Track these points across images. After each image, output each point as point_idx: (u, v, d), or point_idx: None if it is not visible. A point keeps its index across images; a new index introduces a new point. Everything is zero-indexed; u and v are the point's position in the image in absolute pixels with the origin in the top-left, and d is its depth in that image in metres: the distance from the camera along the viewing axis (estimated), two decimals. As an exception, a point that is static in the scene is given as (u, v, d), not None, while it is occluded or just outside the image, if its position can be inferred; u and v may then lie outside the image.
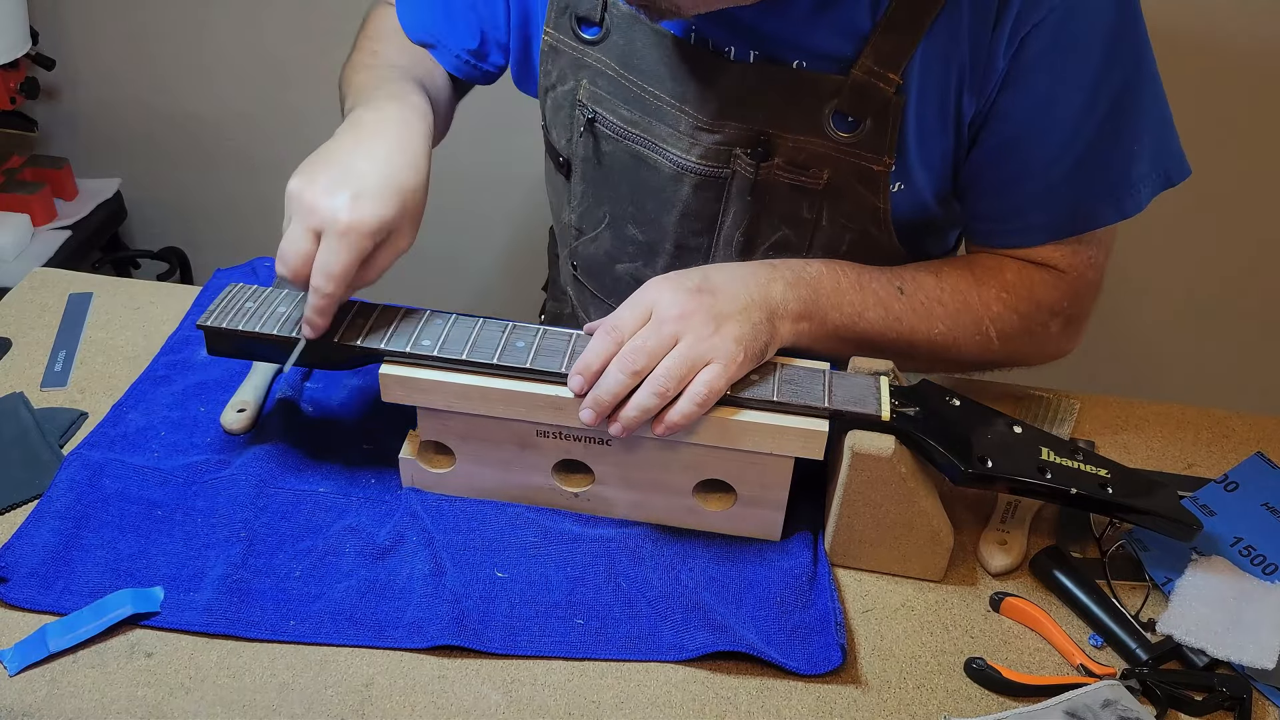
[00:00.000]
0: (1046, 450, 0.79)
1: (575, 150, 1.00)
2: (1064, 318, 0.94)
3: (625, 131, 0.95)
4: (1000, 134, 0.87)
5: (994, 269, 0.92)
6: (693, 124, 0.91)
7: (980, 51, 0.83)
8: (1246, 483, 0.91)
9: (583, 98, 0.96)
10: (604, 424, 0.78)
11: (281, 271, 0.80)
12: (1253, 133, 1.64)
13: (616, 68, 0.93)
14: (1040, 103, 0.85)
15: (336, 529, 0.84)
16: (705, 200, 0.95)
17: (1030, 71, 0.83)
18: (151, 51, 1.92)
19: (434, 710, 0.73)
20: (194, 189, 2.08)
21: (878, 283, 0.88)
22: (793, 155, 0.90)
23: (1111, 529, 0.88)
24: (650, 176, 0.96)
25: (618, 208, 1.01)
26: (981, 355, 0.92)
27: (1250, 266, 1.80)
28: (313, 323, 0.80)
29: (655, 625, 0.78)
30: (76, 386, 0.98)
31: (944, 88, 0.85)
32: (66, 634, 0.75)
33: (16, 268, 1.73)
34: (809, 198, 0.92)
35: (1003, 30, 0.82)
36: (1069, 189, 0.88)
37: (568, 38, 0.95)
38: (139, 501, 0.85)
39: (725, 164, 0.92)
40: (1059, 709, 0.73)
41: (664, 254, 1.01)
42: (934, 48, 0.83)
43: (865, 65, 0.84)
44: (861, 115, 0.86)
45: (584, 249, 1.07)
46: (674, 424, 0.77)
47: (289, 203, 0.80)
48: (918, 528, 0.81)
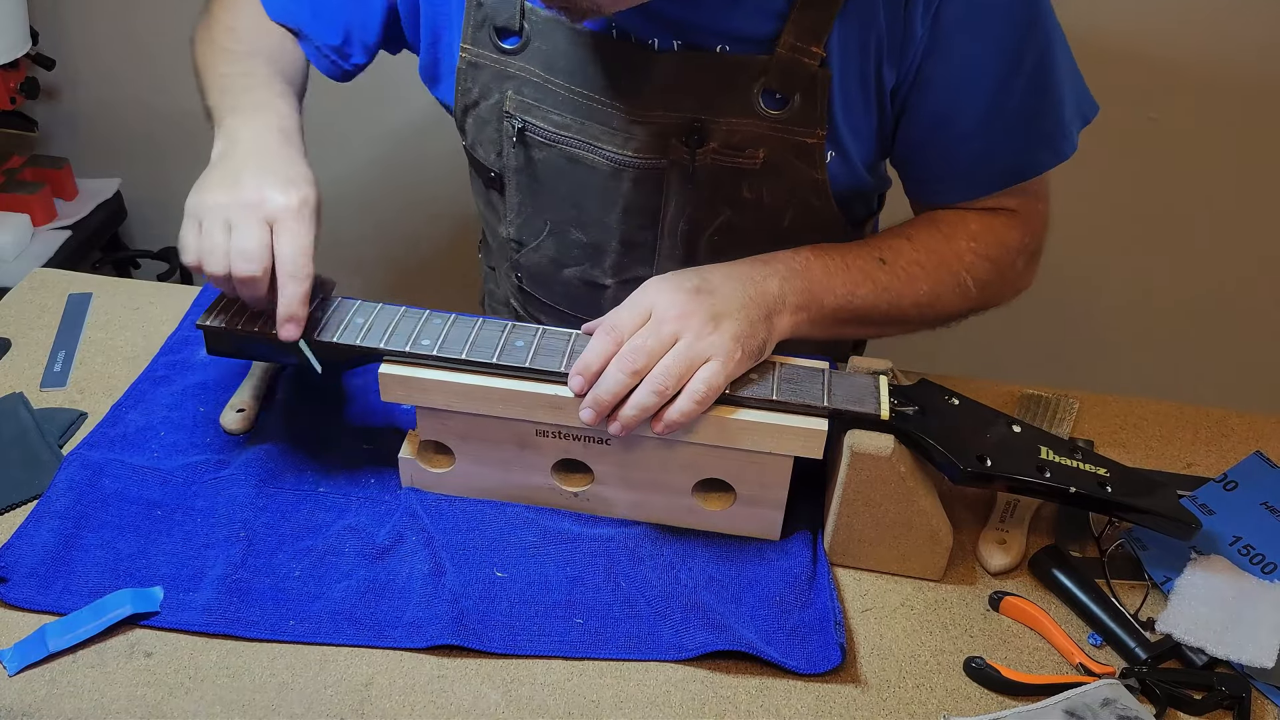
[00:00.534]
0: (1045, 449, 0.79)
1: (507, 163, 1.00)
2: (1027, 254, 0.97)
3: (558, 136, 0.95)
4: (931, 100, 0.89)
5: (957, 221, 0.94)
6: (625, 118, 0.92)
7: (896, 22, 0.85)
8: (1245, 482, 0.91)
9: (510, 108, 0.96)
10: (603, 423, 0.79)
11: (245, 270, 0.78)
12: (1252, 133, 1.64)
13: (542, 73, 0.93)
14: (965, 66, 0.87)
15: (336, 529, 0.84)
16: (646, 193, 0.95)
17: (950, 37, 0.85)
18: (151, 51, 1.92)
19: (434, 710, 0.73)
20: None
21: (861, 258, 0.89)
22: (727, 138, 0.91)
23: (1110, 528, 0.88)
24: (588, 177, 0.96)
25: (558, 213, 1.01)
26: (962, 305, 0.94)
27: (1250, 266, 1.80)
28: (296, 316, 0.79)
29: (655, 625, 0.79)
30: (76, 387, 0.98)
31: (864, 58, 0.87)
32: (66, 634, 0.75)
33: (16, 268, 1.73)
34: (748, 178, 0.93)
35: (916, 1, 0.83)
36: (1008, 142, 0.91)
37: (488, 50, 0.95)
38: (138, 501, 0.85)
39: (662, 154, 0.92)
40: (1058, 708, 0.73)
41: (610, 252, 1.01)
42: (851, 20, 0.85)
43: (787, 42, 0.85)
44: (790, 91, 0.88)
45: (526, 259, 1.07)
46: (673, 422, 0.77)
47: (210, 214, 0.79)
48: (917, 527, 0.81)
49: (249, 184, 0.80)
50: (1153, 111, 1.63)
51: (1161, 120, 1.64)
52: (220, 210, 0.79)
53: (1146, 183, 1.71)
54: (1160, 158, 1.69)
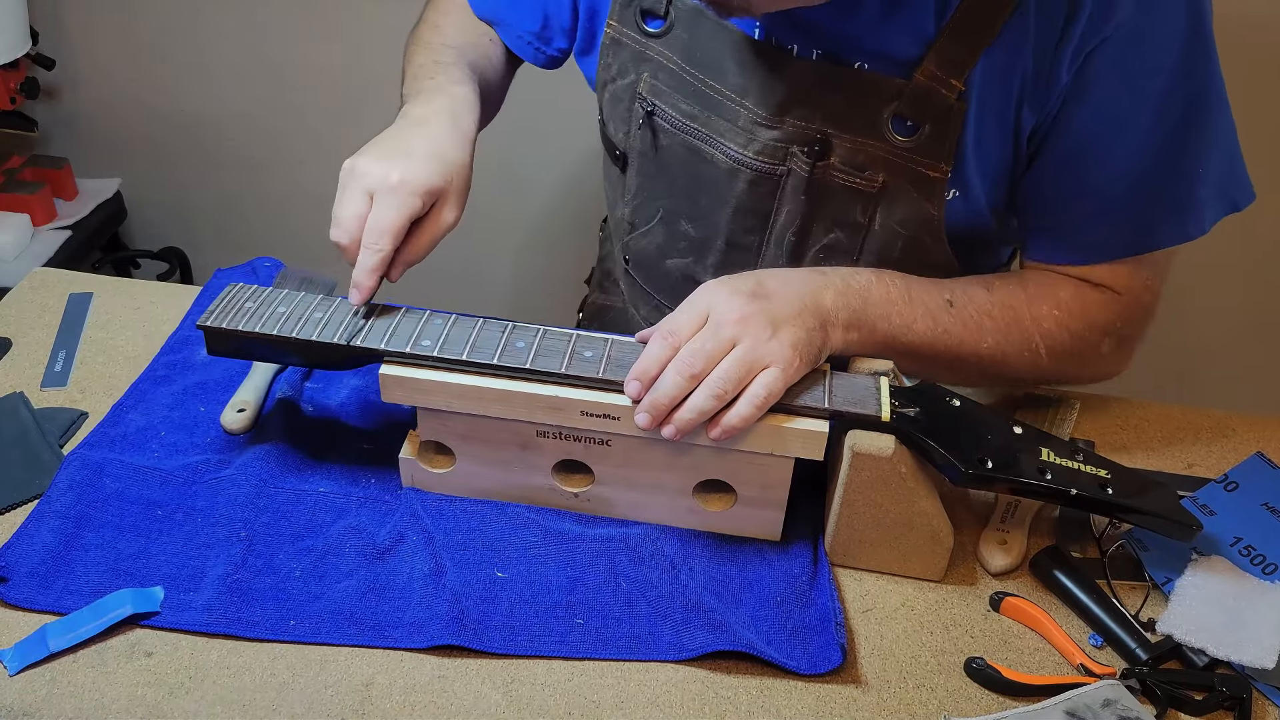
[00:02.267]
0: (1046, 450, 0.79)
1: (632, 143, 1.01)
2: (1116, 338, 0.92)
3: (683, 125, 0.95)
4: (1063, 147, 0.86)
5: (1048, 285, 0.91)
6: (752, 119, 0.92)
7: (1044, 63, 0.82)
8: (1246, 483, 0.91)
9: (643, 90, 0.97)
10: (656, 427, 0.78)
11: (336, 237, 0.82)
12: (1252, 132, 1.64)
13: (679, 61, 0.94)
14: (1105, 118, 0.84)
15: (336, 529, 0.84)
16: (759, 197, 0.95)
17: (1096, 85, 0.82)
18: (151, 51, 1.92)
19: (434, 710, 0.73)
20: (194, 189, 2.08)
21: (927, 294, 0.87)
22: (849, 156, 0.90)
23: (1111, 529, 0.88)
24: (706, 171, 0.96)
25: (672, 202, 1.01)
26: (1030, 372, 0.91)
27: (1250, 266, 1.80)
28: (360, 284, 0.82)
29: (655, 625, 0.78)
30: (76, 386, 0.98)
31: (1005, 97, 0.84)
32: (66, 634, 0.75)
33: (16, 268, 1.73)
34: (863, 200, 0.91)
35: (1069, 43, 0.81)
36: (1130, 207, 0.87)
37: (631, 30, 0.96)
38: (139, 501, 0.85)
39: (781, 161, 0.92)
40: (1059, 709, 0.73)
41: (714, 250, 1.01)
42: (998, 57, 0.83)
43: (928, 70, 0.84)
44: (921, 120, 0.86)
45: (636, 243, 1.07)
46: (731, 427, 0.77)
47: (342, 179, 0.84)
48: (918, 528, 0.81)
49: (374, 154, 0.84)
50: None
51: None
52: (343, 177, 0.84)
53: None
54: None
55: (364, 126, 1.94)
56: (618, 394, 0.79)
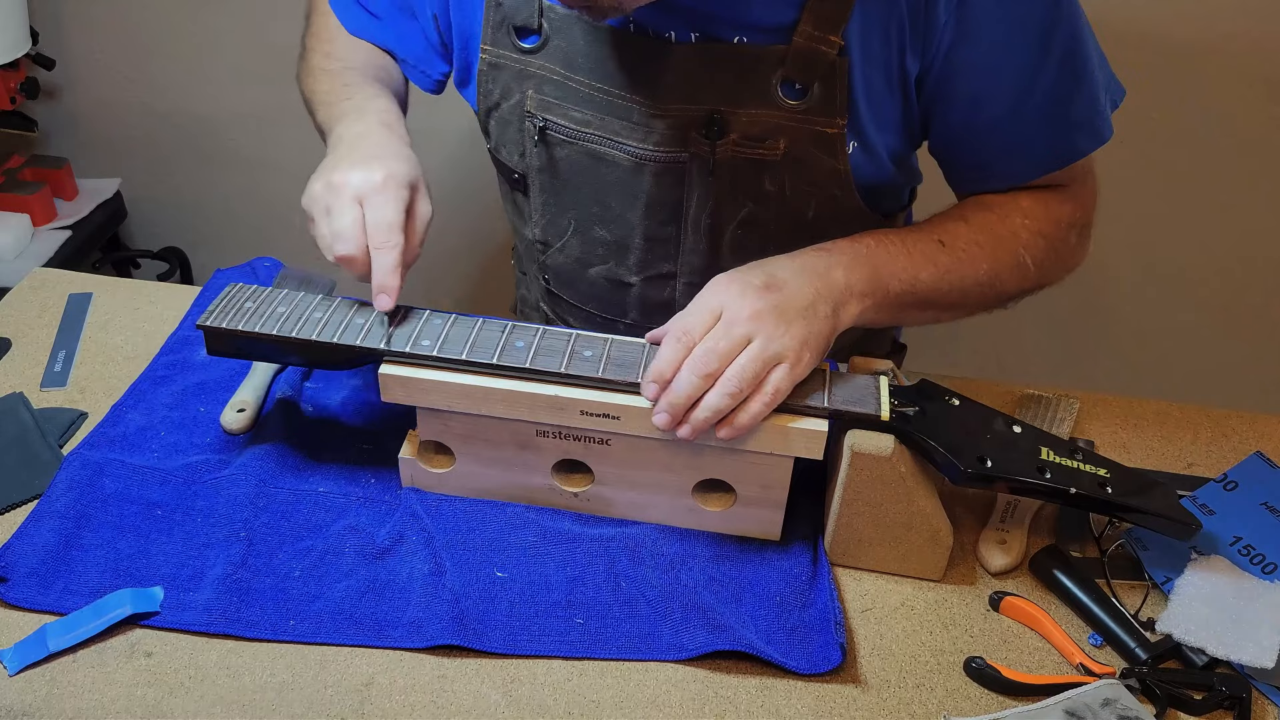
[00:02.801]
0: (1046, 450, 0.79)
1: (529, 163, 1.00)
2: (1078, 228, 0.96)
3: (579, 133, 0.95)
4: (962, 88, 0.89)
5: (1009, 201, 0.94)
6: (645, 112, 0.92)
7: (918, 10, 0.84)
8: (1246, 482, 0.91)
9: (531, 108, 0.96)
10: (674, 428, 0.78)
11: (342, 250, 0.81)
12: (1252, 132, 1.64)
13: (562, 71, 0.94)
14: (995, 52, 0.86)
15: (336, 529, 0.84)
16: (667, 187, 0.95)
17: (979, 24, 0.85)
18: (151, 51, 1.92)
19: (434, 710, 0.73)
20: (194, 189, 2.08)
21: (920, 241, 0.89)
22: (747, 129, 0.90)
23: (1111, 528, 0.88)
24: (610, 173, 0.96)
25: (581, 212, 1.01)
26: (1021, 284, 0.94)
27: (1250, 265, 1.80)
28: (387, 286, 0.81)
29: (655, 625, 0.79)
30: (76, 386, 0.98)
31: (886, 47, 0.86)
32: (66, 634, 0.75)
33: (16, 268, 1.73)
34: (769, 170, 0.92)
35: None
36: (1045, 128, 0.90)
37: (507, 50, 0.96)
38: (139, 501, 0.85)
39: (682, 148, 0.92)
40: (1059, 708, 0.73)
41: (634, 249, 1.01)
42: (870, 8, 0.84)
43: (805, 31, 0.85)
44: (809, 80, 0.87)
45: (553, 260, 1.07)
46: (743, 425, 0.77)
47: (318, 200, 0.83)
48: (917, 527, 0.81)
49: (339, 170, 0.83)
50: (1154, 111, 1.63)
51: (1161, 117, 1.64)
52: (319, 199, 0.83)
53: (1146, 183, 1.71)
54: (1160, 157, 1.69)
55: None
56: (617, 393, 0.79)
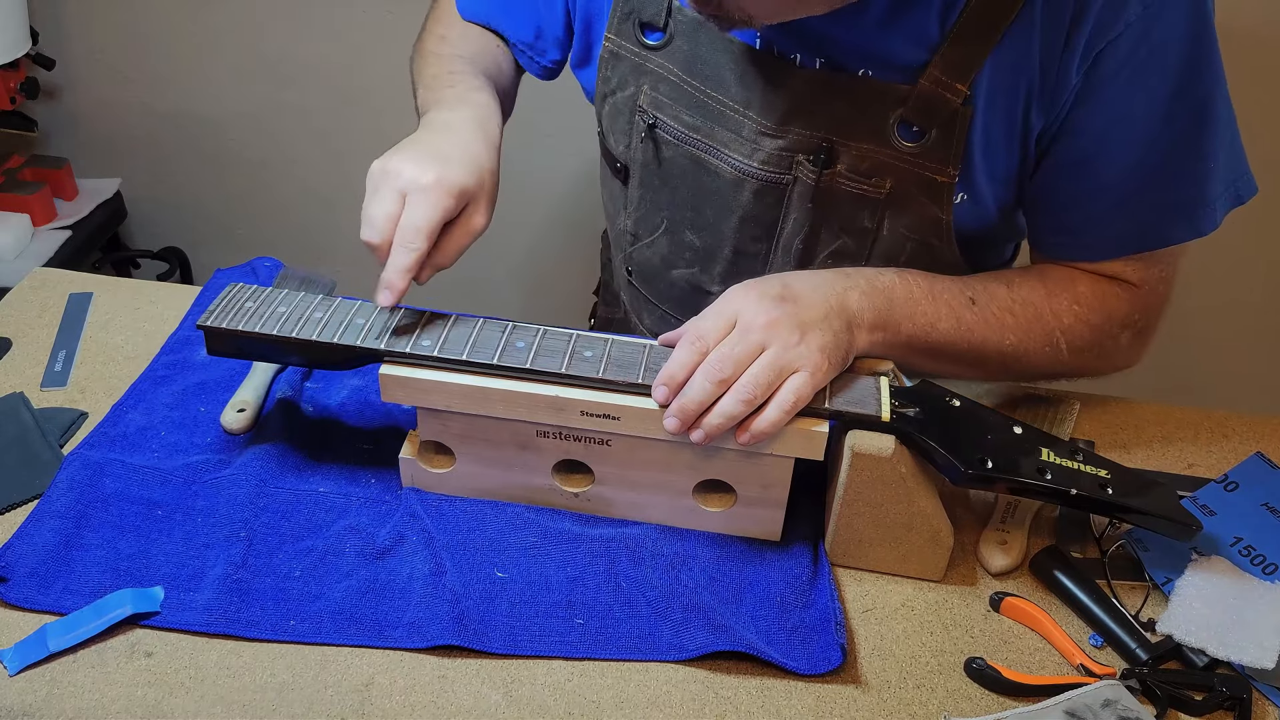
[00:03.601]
0: (1046, 450, 0.79)
1: (634, 156, 1.00)
2: (1134, 330, 0.93)
3: (686, 137, 0.95)
4: (1074, 148, 0.86)
5: (1066, 280, 0.91)
6: (756, 129, 0.91)
7: (1051, 66, 0.82)
8: (1246, 482, 0.91)
9: (643, 103, 0.96)
10: (684, 432, 0.78)
11: (368, 236, 0.80)
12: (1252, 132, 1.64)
13: (679, 73, 0.93)
14: (1115, 118, 0.84)
15: (336, 529, 0.84)
16: (765, 206, 0.95)
17: (1105, 87, 0.82)
18: (151, 51, 1.92)
19: (434, 710, 0.73)
20: (194, 189, 2.08)
21: (950, 293, 0.87)
22: (856, 163, 0.89)
23: (1111, 529, 0.88)
24: (710, 182, 0.96)
25: (676, 213, 1.01)
26: (1050, 366, 0.92)
27: (1250, 266, 1.80)
28: (392, 284, 0.80)
29: (655, 625, 0.78)
30: (76, 386, 0.98)
31: (1012, 100, 0.84)
32: (66, 634, 0.75)
33: (16, 268, 1.73)
34: (870, 206, 0.91)
35: (1076, 45, 0.81)
36: (1143, 205, 0.87)
37: (630, 43, 0.96)
38: (139, 501, 0.85)
39: (787, 170, 0.92)
40: (1059, 709, 0.73)
41: (721, 260, 1.00)
42: (1003, 60, 0.83)
43: (933, 75, 0.84)
44: (927, 125, 0.86)
45: (639, 254, 1.07)
46: (761, 432, 0.76)
47: (371, 180, 0.82)
48: (918, 528, 0.81)
49: (406, 154, 0.82)
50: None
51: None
52: (373, 178, 0.82)
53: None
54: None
55: (364, 126, 1.95)
56: (618, 394, 0.79)
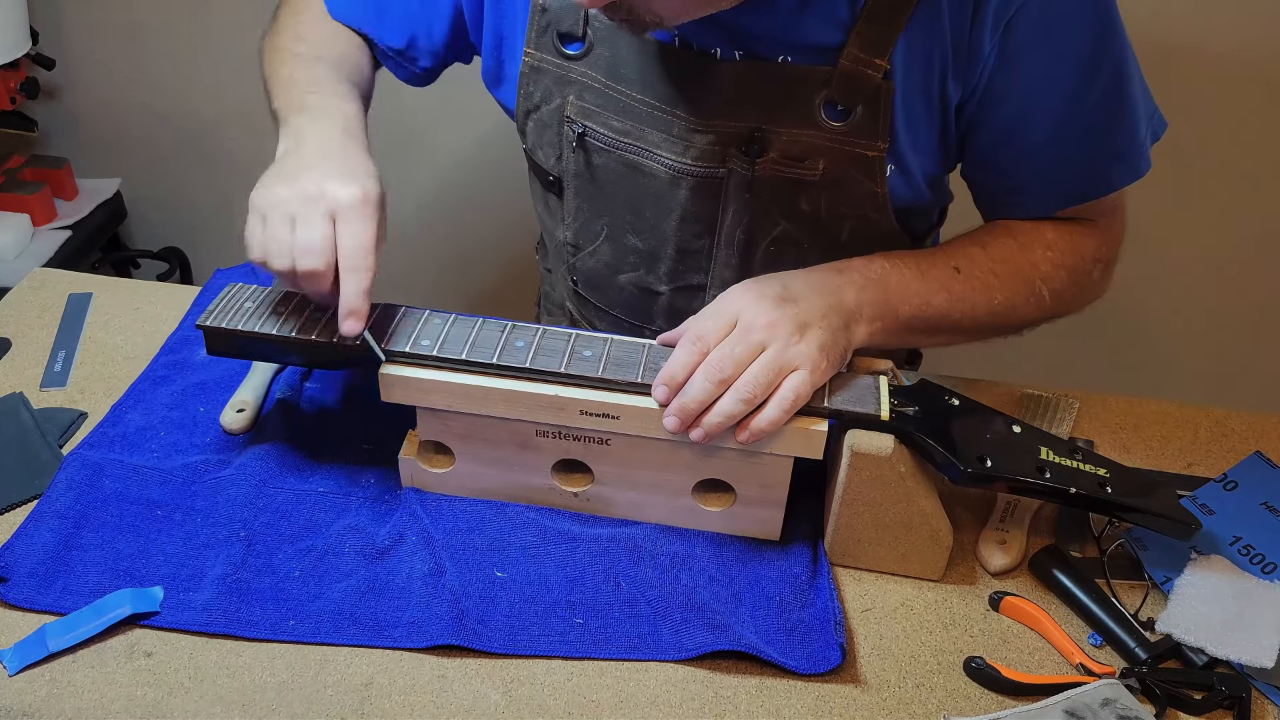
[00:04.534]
0: (1045, 449, 0.79)
1: (566, 167, 1.00)
2: (1103, 263, 0.96)
3: (617, 142, 0.95)
4: (1003, 115, 0.88)
5: (1034, 230, 0.94)
6: (685, 126, 0.92)
7: (962, 37, 0.84)
8: (1246, 482, 0.91)
9: (570, 113, 0.96)
10: (684, 431, 0.78)
11: (309, 264, 0.77)
12: (1252, 132, 1.64)
13: (604, 80, 0.93)
14: (1038, 80, 0.86)
15: (336, 529, 0.84)
16: (703, 201, 0.95)
17: (1022, 52, 0.84)
18: (151, 51, 1.92)
19: (434, 710, 0.73)
20: (194, 189, 2.08)
21: (936, 267, 0.89)
22: (787, 149, 0.90)
23: (1111, 528, 0.88)
24: (646, 183, 0.96)
25: (615, 219, 1.01)
26: (1037, 314, 0.94)
27: (1250, 265, 1.80)
28: (357, 310, 0.78)
29: (655, 625, 0.79)
30: (76, 386, 0.98)
31: (928, 72, 0.86)
32: (66, 634, 0.75)
33: (16, 268, 1.73)
34: (807, 190, 0.92)
35: (984, 16, 0.83)
36: (1081, 158, 0.90)
37: (551, 56, 0.95)
38: (139, 501, 0.85)
39: (721, 163, 0.92)
40: (1058, 708, 0.73)
41: (666, 259, 1.01)
42: (917, 32, 0.84)
43: (852, 54, 0.85)
44: (852, 103, 0.87)
45: (582, 264, 1.07)
46: (760, 430, 0.77)
47: (274, 207, 0.79)
48: (917, 527, 0.81)
49: (311, 178, 0.80)
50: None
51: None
52: (283, 205, 0.79)
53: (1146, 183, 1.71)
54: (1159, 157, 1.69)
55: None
56: (617, 393, 0.79)
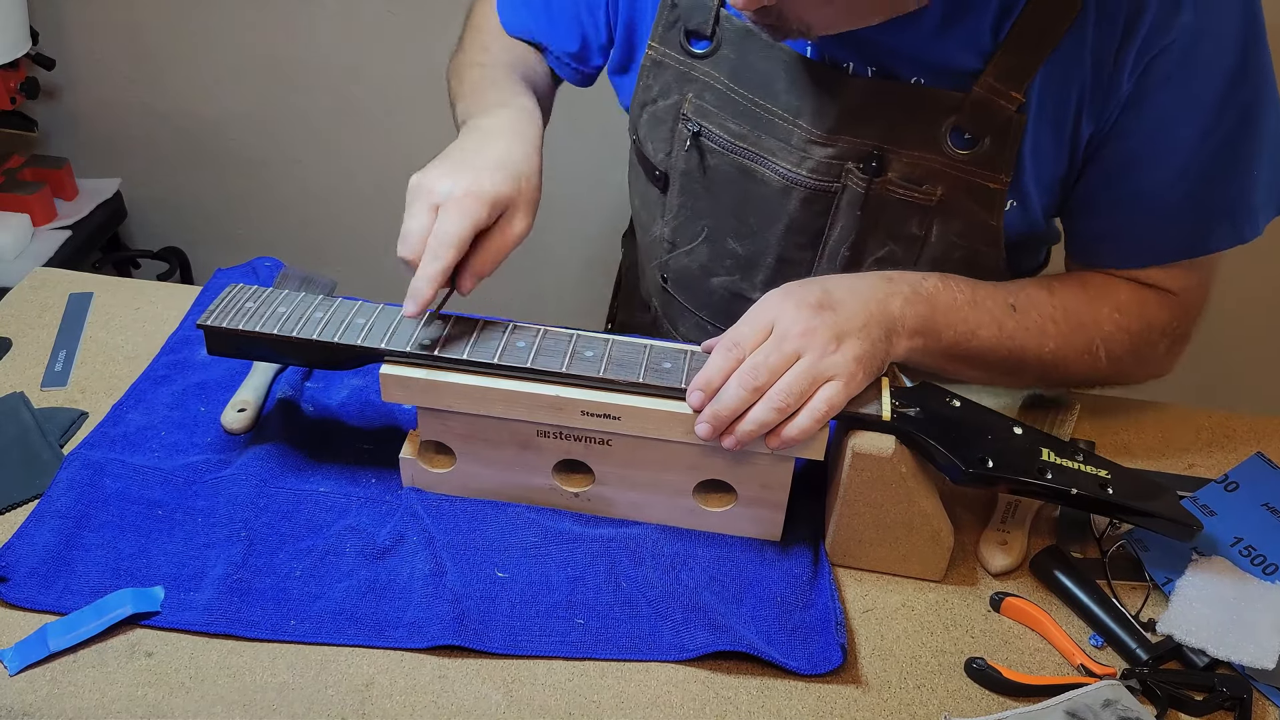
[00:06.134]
0: (1046, 450, 0.79)
1: (675, 164, 1.00)
2: (1172, 337, 0.93)
3: (732, 145, 0.94)
4: (1120, 153, 0.86)
5: (1107, 288, 0.91)
6: (805, 138, 0.91)
7: (1103, 72, 0.82)
8: (1246, 483, 0.91)
9: (688, 111, 0.95)
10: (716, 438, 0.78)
11: (402, 252, 0.80)
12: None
13: (726, 81, 0.93)
14: (1162, 123, 0.83)
15: (337, 529, 0.84)
16: (813, 214, 0.94)
17: (1154, 92, 0.82)
18: (151, 52, 1.92)
19: (434, 710, 0.73)
20: (194, 189, 2.08)
21: (992, 299, 0.86)
22: (907, 171, 0.89)
23: (1111, 529, 0.88)
24: (756, 189, 0.95)
25: (718, 221, 1.00)
26: (1088, 374, 0.91)
27: (1250, 266, 1.79)
28: (418, 293, 0.79)
29: (655, 625, 0.78)
30: (76, 386, 0.98)
31: (1063, 107, 0.84)
32: (67, 634, 0.75)
33: (16, 268, 1.73)
34: (920, 214, 0.91)
35: (1128, 52, 0.80)
36: (1186, 212, 0.87)
37: (675, 51, 0.95)
38: (139, 501, 0.85)
39: (836, 178, 0.91)
40: (1059, 709, 0.73)
41: (764, 268, 1.00)
42: (1057, 67, 0.82)
43: (987, 83, 0.83)
44: (981, 133, 0.85)
45: (676, 261, 1.06)
46: (791, 439, 0.77)
47: (409, 195, 0.82)
48: (918, 528, 0.81)
49: (443, 168, 0.82)
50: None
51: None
52: (410, 194, 0.82)
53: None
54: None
55: (364, 126, 1.95)
56: (618, 393, 0.79)
